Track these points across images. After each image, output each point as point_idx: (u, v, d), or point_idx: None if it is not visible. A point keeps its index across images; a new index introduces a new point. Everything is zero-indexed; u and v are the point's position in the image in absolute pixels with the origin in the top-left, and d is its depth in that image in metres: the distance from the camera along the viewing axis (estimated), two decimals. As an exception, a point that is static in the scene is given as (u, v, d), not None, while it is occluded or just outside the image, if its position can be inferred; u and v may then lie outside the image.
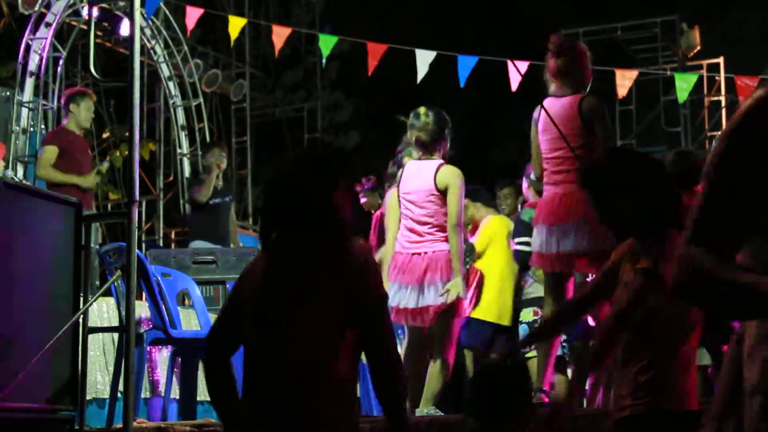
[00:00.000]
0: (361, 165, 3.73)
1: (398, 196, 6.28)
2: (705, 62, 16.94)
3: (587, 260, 5.92)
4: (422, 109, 6.28)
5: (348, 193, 3.39)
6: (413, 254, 6.12)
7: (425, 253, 6.09)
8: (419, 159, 6.28)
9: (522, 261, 7.38)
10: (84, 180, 8.71)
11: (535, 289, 7.41)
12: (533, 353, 7.50)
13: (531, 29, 18.98)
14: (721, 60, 16.69)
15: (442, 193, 6.09)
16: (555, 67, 6.21)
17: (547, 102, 6.15)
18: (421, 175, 6.17)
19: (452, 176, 6.10)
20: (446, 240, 6.09)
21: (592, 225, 5.71)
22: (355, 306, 3.20)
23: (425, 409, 6.07)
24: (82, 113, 8.80)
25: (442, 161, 6.19)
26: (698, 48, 17.25)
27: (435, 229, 6.11)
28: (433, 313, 6.07)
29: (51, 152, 8.64)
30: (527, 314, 7.51)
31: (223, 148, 10.57)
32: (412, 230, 6.16)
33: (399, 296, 6.11)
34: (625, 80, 11.40)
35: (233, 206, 10.38)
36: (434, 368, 6.13)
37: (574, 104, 6.04)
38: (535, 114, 6.23)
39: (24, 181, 9.06)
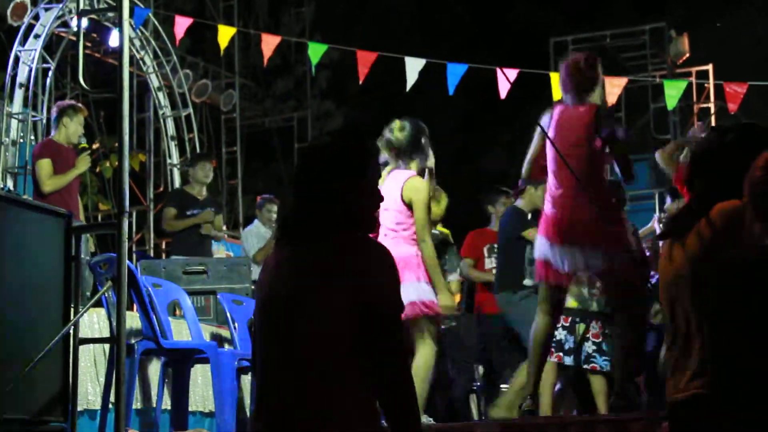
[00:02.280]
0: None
1: None
2: (694, 69, 16.99)
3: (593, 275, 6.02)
4: (396, 124, 6.30)
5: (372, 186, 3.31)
6: None
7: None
8: (395, 168, 6.30)
9: None
10: (78, 167, 8.65)
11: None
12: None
13: (520, 37, 19.06)
14: (710, 67, 16.74)
15: (407, 206, 6.11)
16: (582, 80, 6.19)
17: (559, 110, 6.16)
18: (393, 185, 6.20)
19: (415, 190, 6.12)
20: (411, 242, 6.10)
21: (601, 246, 5.80)
22: (366, 308, 3.04)
23: None
24: (73, 127, 8.75)
25: (412, 173, 6.21)
26: (687, 55, 17.30)
27: (401, 235, 6.13)
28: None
29: (47, 165, 8.58)
30: None
31: (212, 162, 10.56)
32: (384, 236, 6.21)
33: None
34: (614, 88, 11.42)
35: (220, 216, 10.35)
36: (416, 370, 6.11)
37: (590, 114, 6.04)
38: (545, 120, 6.23)
39: (15, 191, 9.05)
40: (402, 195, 6.11)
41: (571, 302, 7.35)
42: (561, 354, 7.40)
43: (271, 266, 3.26)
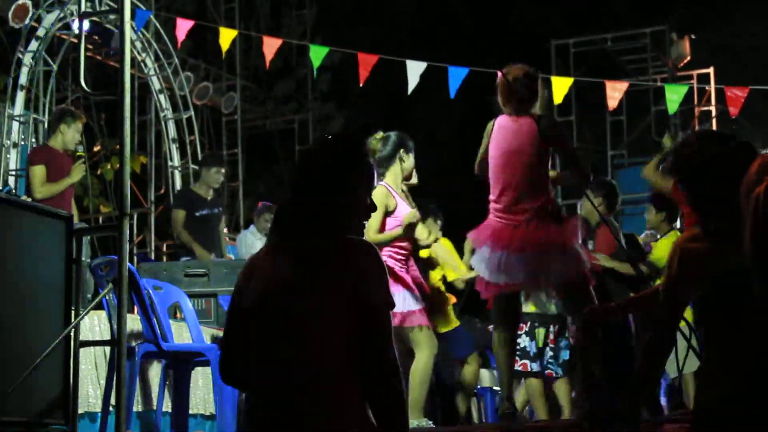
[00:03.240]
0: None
1: None
2: (695, 72, 16.99)
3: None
4: (377, 136, 6.45)
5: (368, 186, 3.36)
6: None
7: None
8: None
9: None
10: (72, 176, 8.61)
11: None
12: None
13: (521, 40, 19.06)
14: (711, 70, 16.73)
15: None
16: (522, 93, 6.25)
17: (501, 120, 6.25)
18: None
19: (375, 195, 6.21)
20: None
21: (551, 254, 5.84)
22: (358, 306, 3.08)
23: (415, 420, 6.04)
24: (70, 134, 8.69)
25: (382, 183, 6.37)
26: (688, 58, 17.30)
27: None
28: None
29: (41, 171, 8.55)
30: None
31: (223, 165, 10.52)
32: None
33: None
34: (615, 92, 11.43)
35: (224, 218, 10.32)
36: (412, 373, 6.12)
37: (533, 124, 6.09)
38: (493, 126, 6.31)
39: (16, 193, 9.04)
40: None
41: (529, 306, 7.36)
42: (527, 362, 7.39)
43: (265, 267, 3.27)
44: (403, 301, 6.14)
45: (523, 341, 7.39)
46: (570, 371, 7.43)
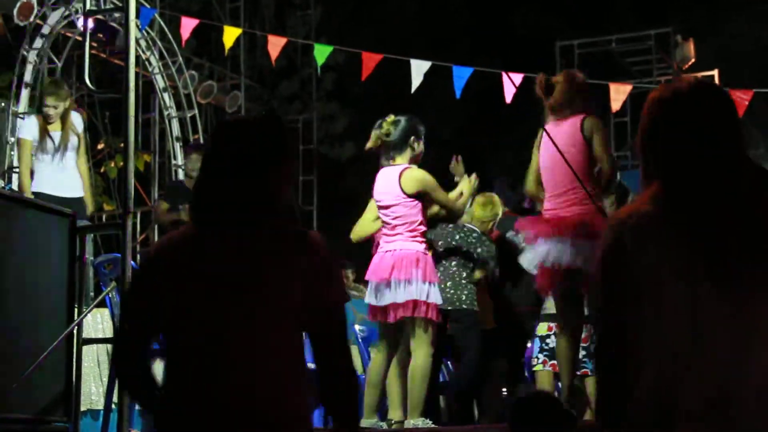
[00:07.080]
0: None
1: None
2: (699, 75, 16.99)
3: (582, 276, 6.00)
4: (389, 119, 6.39)
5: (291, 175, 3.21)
6: (386, 251, 6.20)
7: (394, 251, 6.14)
8: (388, 165, 6.34)
9: None
10: None
11: (551, 305, 7.44)
12: (539, 366, 7.56)
13: (526, 41, 19.07)
14: (715, 73, 16.73)
15: (410, 196, 6.14)
16: (549, 102, 6.36)
17: (549, 127, 6.29)
18: (387, 181, 6.26)
19: (421, 181, 6.21)
20: (415, 240, 6.15)
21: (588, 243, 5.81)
22: (312, 304, 2.96)
23: (412, 420, 6.00)
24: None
25: (406, 165, 6.26)
26: (692, 60, 17.31)
27: (404, 228, 6.17)
28: (398, 311, 6.08)
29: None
30: (542, 329, 7.53)
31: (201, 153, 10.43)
32: (386, 232, 6.24)
33: (373, 294, 6.16)
34: (619, 94, 11.39)
35: None
36: (412, 372, 6.08)
37: (576, 125, 6.14)
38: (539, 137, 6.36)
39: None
40: (401, 186, 6.14)
41: None
42: (555, 362, 7.37)
43: (201, 257, 3.03)
44: (435, 293, 6.14)
45: (553, 342, 7.38)
46: None
